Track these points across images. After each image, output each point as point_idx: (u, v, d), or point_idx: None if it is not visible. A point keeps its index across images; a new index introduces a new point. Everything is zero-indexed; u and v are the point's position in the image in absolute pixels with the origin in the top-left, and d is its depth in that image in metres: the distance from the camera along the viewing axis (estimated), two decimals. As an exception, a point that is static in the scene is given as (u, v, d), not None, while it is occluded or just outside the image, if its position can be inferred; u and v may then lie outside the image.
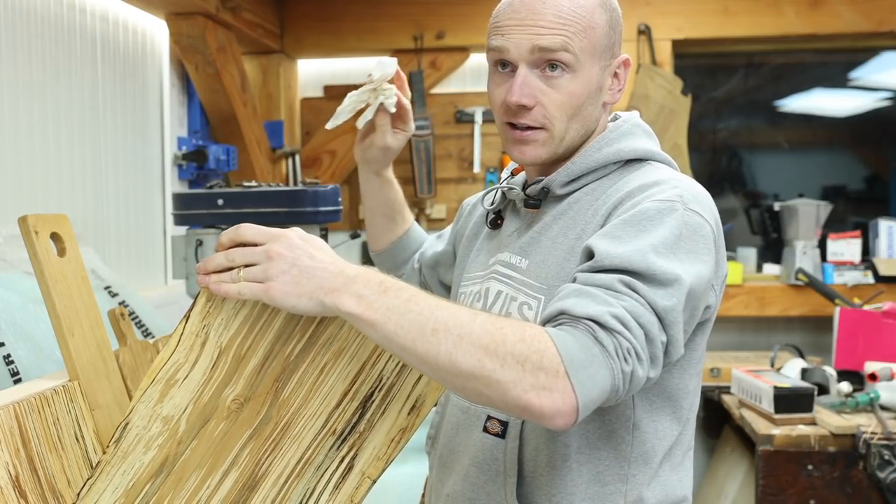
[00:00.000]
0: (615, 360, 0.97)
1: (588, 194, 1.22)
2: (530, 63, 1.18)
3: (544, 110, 1.19)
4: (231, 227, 1.05)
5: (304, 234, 1.02)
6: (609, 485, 1.17)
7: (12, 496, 0.97)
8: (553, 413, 0.94)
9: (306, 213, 1.93)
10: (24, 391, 1.07)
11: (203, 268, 1.03)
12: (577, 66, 1.17)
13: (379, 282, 0.98)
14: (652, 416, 1.18)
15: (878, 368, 2.61)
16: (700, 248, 1.09)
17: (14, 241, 1.88)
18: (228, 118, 3.17)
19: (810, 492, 2.44)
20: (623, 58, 1.25)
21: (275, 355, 1.06)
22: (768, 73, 3.83)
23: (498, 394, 0.95)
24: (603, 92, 1.24)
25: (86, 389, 1.14)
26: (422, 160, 3.53)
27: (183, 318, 1.04)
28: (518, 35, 1.17)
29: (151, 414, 1.04)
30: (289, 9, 3.58)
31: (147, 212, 2.87)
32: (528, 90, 1.17)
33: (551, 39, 1.15)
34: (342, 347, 1.07)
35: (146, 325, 1.97)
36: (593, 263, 1.05)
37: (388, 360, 1.09)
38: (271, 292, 0.98)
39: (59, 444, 1.08)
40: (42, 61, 2.29)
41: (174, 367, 1.04)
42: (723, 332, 3.60)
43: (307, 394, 1.08)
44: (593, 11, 1.18)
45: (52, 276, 1.11)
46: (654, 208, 1.09)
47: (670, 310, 1.02)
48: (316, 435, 1.10)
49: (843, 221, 3.75)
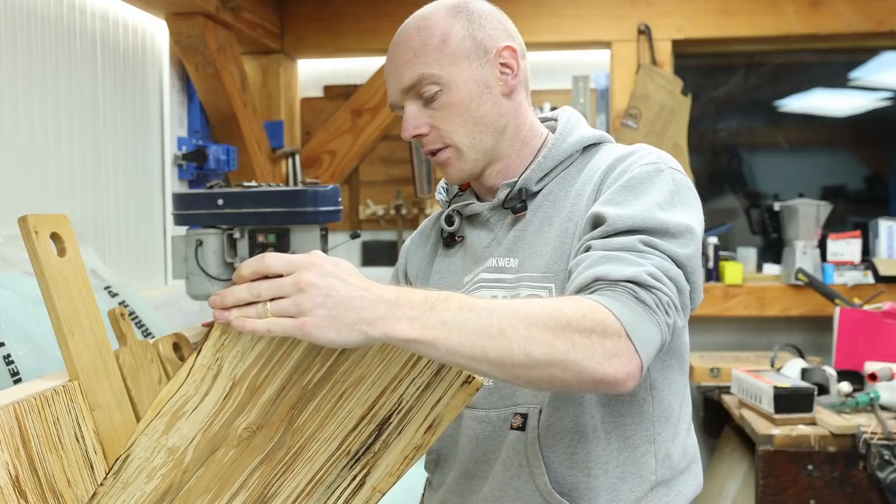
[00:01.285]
0: (659, 314, 1.03)
1: (559, 183, 1.28)
2: (409, 100, 1.26)
3: (439, 131, 1.26)
4: (252, 257, 0.96)
5: (333, 260, 0.95)
6: (639, 447, 1.21)
7: (12, 496, 0.97)
8: (625, 377, 0.99)
9: (306, 213, 1.93)
10: (24, 391, 1.07)
11: (220, 302, 0.93)
12: (445, 81, 1.24)
13: (423, 298, 0.95)
14: (664, 374, 1.23)
15: (878, 368, 2.61)
16: (691, 199, 1.18)
17: (14, 241, 1.88)
18: (228, 118, 3.18)
19: (810, 492, 2.44)
20: (502, 45, 1.27)
21: (292, 385, 1.00)
22: (768, 73, 3.83)
23: (574, 374, 0.98)
24: (492, 87, 1.27)
25: (86, 389, 1.14)
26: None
27: (194, 351, 0.96)
28: (391, 84, 1.28)
29: (155, 446, 0.99)
30: (289, 9, 3.58)
31: (147, 212, 2.87)
32: (415, 122, 1.26)
33: (409, 76, 1.24)
34: (363, 374, 1.03)
35: (146, 325, 1.97)
36: (606, 228, 1.11)
37: (409, 385, 1.05)
38: (307, 328, 0.90)
39: (59, 444, 1.08)
40: (42, 61, 2.29)
41: (182, 399, 0.97)
42: (723, 332, 3.60)
43: (323, 419, 1.04)
44: (443, 26, 1.25)
45: (52, 276, 1.11)
46: (643, 172, 1.17)
47: (690, 257, 1.10)
48: (330, 456, 1.07)
49: (843, 221, 3.75)
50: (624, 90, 3.45)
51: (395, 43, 1.28)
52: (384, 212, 3.70)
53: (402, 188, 3.70)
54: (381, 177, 3.75)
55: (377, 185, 3.75)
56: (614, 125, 3.44)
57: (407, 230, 3.71)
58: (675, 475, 1.24)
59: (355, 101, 3.65)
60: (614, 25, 3.46)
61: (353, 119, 3.65)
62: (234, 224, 1.98)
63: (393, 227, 3.73)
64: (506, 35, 1.29)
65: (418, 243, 1.47)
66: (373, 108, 3.63)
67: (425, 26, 1.26)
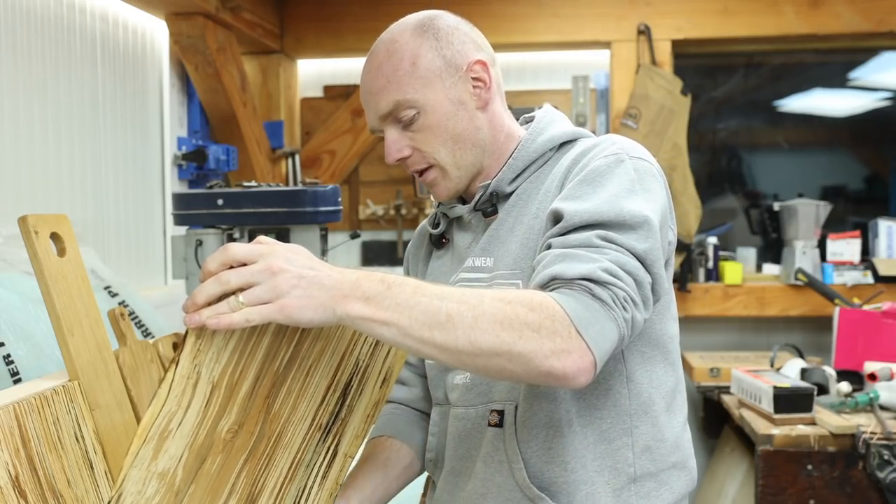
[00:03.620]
0: (616, 310, 1.03)
1: (532, 182, 1.29)
2: (388, 125, 1.27)
3: (421, 153, 1.27)
4: (212, 252, 0.98)
5: (289, 245, 0.98)
6: (615, 440, 1.21)
7: (12, 496, 0.97)
8: (576, 373, 1.00)
9: (306, 213, 1.94)
10: (24, 391, 1.07)
11: (192, 304, 0.93)
12: (420, 104, 1.24)
13: (380, 279, 0.98)
14: (646, 366, 1.23)
15: (878, 368, 2.61)
16: (654, 187, 1.17)
17: (14, 241, 1.88)
18: (228, 118, 3.18)
19: (810, 492, 2.44)
20: (472, 60, 1.27)
21: (265, 373, 1.02)
22: (768, 73, 3.83)
23: (521, 366, 0.99)
24: (467, 102, 1.27)
25: (86, 389, 1.14)
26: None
27: (171, 365, 0.94)
28: (368, 111, 1.29)
29: (146, 476, 0.96)
30: (289, 9, 3.58)
31: (147, 212, 2.87)
32: (396, 146, 1.27)
33: (385, 104, 1.25)
34: (324, 346, 1.06)
35: (146, 325, 1.97)
36: (563, 224, 1.11)
37: (362, 345, 1.09)
38: (287, 310, 0.93)
39: (59, 444, 1.08)
40: (42, 61, 2.29)
41: (166, 418, 0.95)
42: (723, 332, 3.60)
43: (296, 399, 1.06)
44: (411, 49, 1.25)
45: (52, 276, 1.11)
46: (603, 164, 1.16)
47: (649, 250, 1.08)
48: (305, 435, 1.09)
49: (842, 221, 3.75)
50: (624, 90, 3.45)
51: (367, 70, 1.29)
52: (384, 212, 3.70)
53: (401, 188, 3.70)
54: (380, 177, 3.75)
55: (377, 185, 3.75)
56: (614, 125, 3.44)
57: (407, 230, 3.72)
58: (661, 468, 1.23)
59: (355, 101, 3.64)
60: (614, 25, 3.46)
61: (353, 119, 3.65)
62: (234, 224, 1.98)
63: (393, 227, 3.73)
64: (475, 48, 1.28)
65: (416, 245, 1.49)
66: (373, 108, 3.63)
67: (394, 50, 1.26)
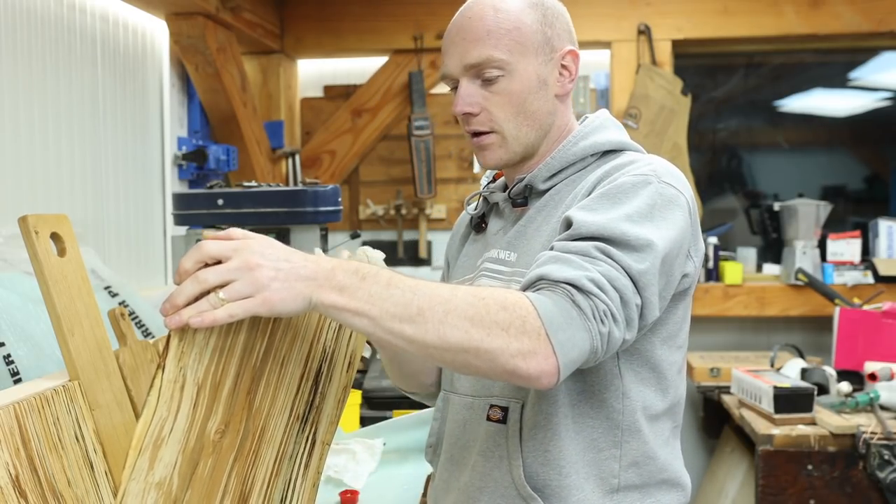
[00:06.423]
0: (592, 322, 1.02)
1: (567, 185, 1.28)
2: (468, 76, 1.26)
3: (489, 114, 1.26)
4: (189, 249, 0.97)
5: (260, 236, 0.98)
6: (604, 450, 1.21)
7: (12, 496, 0.97)
8: (538, 374, 1.00)
9: (306, 213, 1.94)
10: (24, 391, 1.06)
11: (172, 305, 0.94)
12: (510, 68, 1.24)
13: (355, 270, 0.99)
14: (639, 386, 1.23)
15: (878, 368, 2.61)
16: (675, 216, 1.15)
17: (14, 241, 1.88)
18: (228, 118, 3.18)
19: (810, 492, 2.44)
20: (567, 49, 1.29)
21: (244, 368, 1.02)
22: (768, 73, 3.83)
23: (487, 362, 1.00)
24: (549, 85, 1.28)
25: (86, 389, 1.14)
26: (422, 160, 3.53)
27: (157, 371, 0.93)
28: (452, 55, 1.27)
29: (144, 488, 0.95)
30: (289, 9, 3.58)
31: (147, 212, 2.87)
32: (469, 99, 1.25)
33: (477, 54, 1.23)
34: (294, 334, 1.07)
35: (146, 325, 1.97)
36: (571, 232, 1.11)
37: (327, 330, 1.10)
38: (269, 303, 0.93)
39: (59, 444, 1.08)
40: (42, 61, 2.29)
41: (158, 425, 0.94)
42: (723, 332, 3.60)
43: (274, 392, 1.07)
44: (520, 14, 1.25)
45: (52, 276, 1.11)
46: (629, 182, 1.15)
47: (644, 273, 1.07)
48: (285, 427, 1.11)
49: (842, 221, 3.75)
50: (624, 90, 3.45)
51: (468, 16, 1.26)
52: (384, 212, 3.70)
53: (402, 188, 3.70)
54: (381, 177, 3.75)
55: (377, 185, 3.75)
56: (614, 125, 3.44)
57: (407, 230, 3.72)
58: (648, 483, 1.23)
59: (355, 101, 3.65)
60: (614, 25, 3.46)
61: (353, 119, 3.65)
62: (234, 224, 1.98)
63: (393, 227, 3.73)
64: (570, 38, 1.31)
65: (459, 224, 1.50)
66: (373, 108, 3.63)
67: (503, 9, 1.25)
